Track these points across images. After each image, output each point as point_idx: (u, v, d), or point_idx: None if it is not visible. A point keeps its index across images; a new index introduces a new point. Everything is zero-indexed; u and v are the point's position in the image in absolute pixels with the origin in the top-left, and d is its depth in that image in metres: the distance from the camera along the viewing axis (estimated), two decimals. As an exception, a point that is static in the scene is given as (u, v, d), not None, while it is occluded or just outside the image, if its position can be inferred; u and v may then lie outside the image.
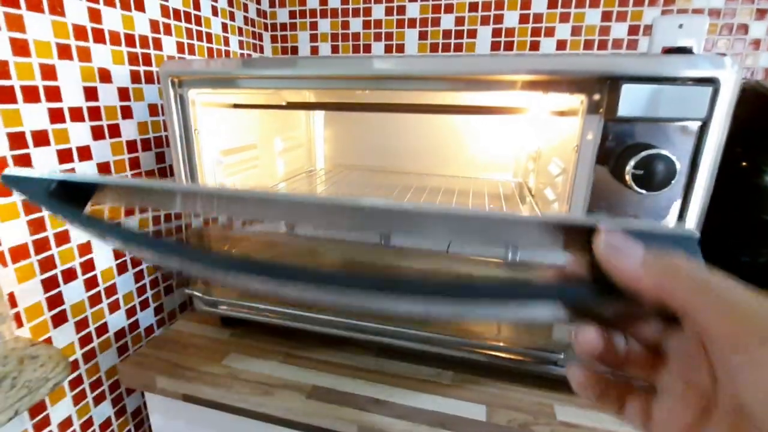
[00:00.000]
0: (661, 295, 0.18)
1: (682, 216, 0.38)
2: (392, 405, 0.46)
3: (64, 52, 0.49)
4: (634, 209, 0.39)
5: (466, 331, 0.49)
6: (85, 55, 0.51)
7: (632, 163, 0.35)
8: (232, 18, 0.79)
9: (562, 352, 0.45)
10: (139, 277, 0.62)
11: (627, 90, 0.35)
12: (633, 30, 0.75)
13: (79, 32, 0.50)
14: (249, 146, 0.67)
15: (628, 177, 0.36)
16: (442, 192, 0.73)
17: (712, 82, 0.35)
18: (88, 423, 0.56)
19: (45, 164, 0.48)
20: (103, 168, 0.55)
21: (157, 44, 0.62)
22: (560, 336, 0.46)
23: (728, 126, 0.36)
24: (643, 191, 0.36)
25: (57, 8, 0.48)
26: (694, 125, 0.36)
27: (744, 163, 0.58)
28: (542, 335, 0.46)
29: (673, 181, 0.35)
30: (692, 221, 0.38)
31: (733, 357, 0.16)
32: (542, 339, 0.46)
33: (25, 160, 0.46)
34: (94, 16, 0.52)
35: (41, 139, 0.47)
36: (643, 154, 0.35)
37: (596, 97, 0.37)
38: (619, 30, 0.75)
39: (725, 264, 0.63)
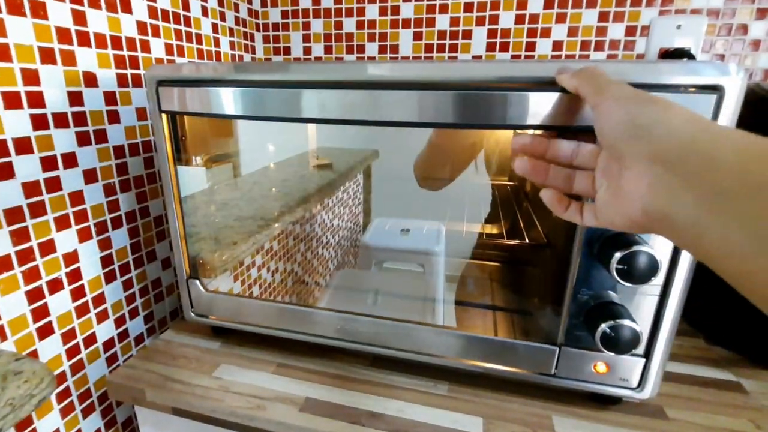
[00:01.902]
0: (578, 91, 0.31)
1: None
2: (387, 418, 0.45)
3: (47, 56, 0.47)
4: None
5: (462, 337, 0.48)
6: (69, 58, 0.50)
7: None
8: (223, 18, 0.77)
9: (556, 364, 0.44)
10: (128, 285, 0.61)
11: (627, 98, 0.34)
12: (630, 31, 0.74)
13: (63, 35, 0.49)
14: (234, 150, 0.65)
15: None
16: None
17: (716, 89, 0.34)
18: (77, 436, 0.55)
19: (28, 174, 0.46)
20: (90, 175, 0.53)
21: (145, 46, 0.60)
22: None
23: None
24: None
25: (39, 11, 0.46)
26: (696, 133, 0.35)
27: (743, 167, 0.57)
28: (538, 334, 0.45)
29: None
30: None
31: (594, 112, 0.28)
32: (538, 336, 0.45)
33: (7, 169, 0.44)
34: (79, 18, 0.50)
35: (24, 146, 0.45)
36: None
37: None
38: (616, 31, 0.74)
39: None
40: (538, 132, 0.36)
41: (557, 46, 0.77)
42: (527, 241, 0.61)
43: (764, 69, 0.72)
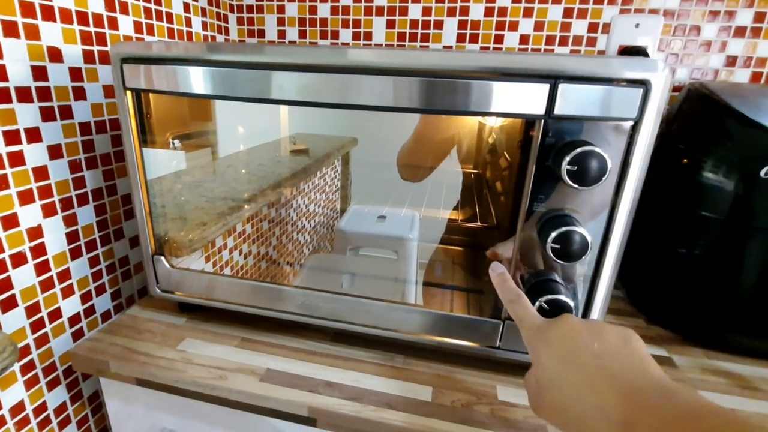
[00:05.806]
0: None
1: (614, 209, 0.41)
2: (342, 387, 0.48)
3: (10, 29, 0.47)
4: (571, 203, 0.41)
5: (421, 313, 0.50)
6: (32, 33, 0.49)
7: (567, 159, 0.37)
8: (195, -2, 0.77)
9: (500, 337, 0.48)
10: (94, 262, 0.61)
11: (563, 89, 0.37)
12: (592, 27, 0.77)
13: (27, 9, 0.49)
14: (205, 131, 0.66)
15: (563, 172, 0.37)
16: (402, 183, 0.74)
17: (643, 84, 0.37)
18: (42, 408, 0.56)
19: (-11, 146, 0.46)
20: (55, 151, 0.53)
21: (113, 23, 0.60)
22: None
23: (658, 125, 0.38)
24: (577, 186, 0.38)
25: (1, -17, 0.46)
26: (627, 125, 0.38)
27: (685, 160, 0.61)
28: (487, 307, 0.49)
29: (604, 177, 0.37)
30: (624, 214, 0.41)
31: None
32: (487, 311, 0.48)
33: (-33, 141, 0.44)
34: (43, -8, 0.50)
35: (-15, 119, 0.46)
36: (577, 151, 0.36)
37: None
38: (579, 27, 0.77)
39: (663, 254, 0.66)
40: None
41: (524, 39, 0.80)
42: (484, 224, 0.64)
43: (714, 69, 0.77)
